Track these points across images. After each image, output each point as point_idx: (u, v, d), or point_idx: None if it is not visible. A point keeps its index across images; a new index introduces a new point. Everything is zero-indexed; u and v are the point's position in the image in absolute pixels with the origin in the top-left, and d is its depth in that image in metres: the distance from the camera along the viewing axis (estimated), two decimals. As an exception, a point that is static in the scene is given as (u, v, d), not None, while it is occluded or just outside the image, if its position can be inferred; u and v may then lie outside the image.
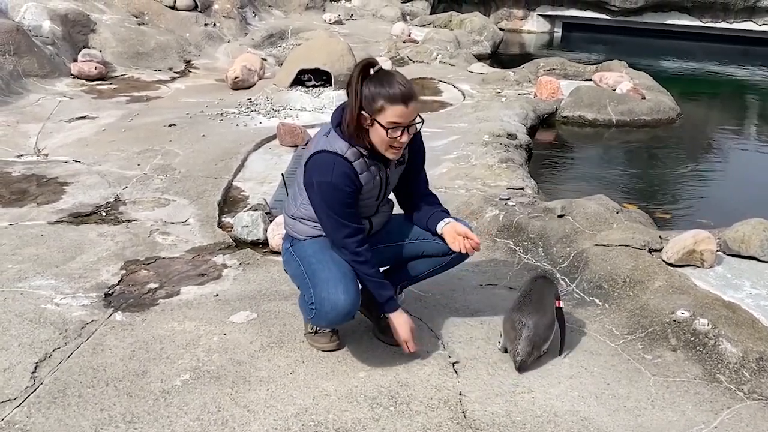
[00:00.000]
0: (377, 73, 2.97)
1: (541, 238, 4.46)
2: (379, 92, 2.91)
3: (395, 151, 3.03)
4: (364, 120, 2.97)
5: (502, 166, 6.11)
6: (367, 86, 2.94)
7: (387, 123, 2.93)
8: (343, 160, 2.99)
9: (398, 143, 2.99)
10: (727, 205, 6.36)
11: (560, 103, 9.01)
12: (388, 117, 2.92)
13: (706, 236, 4.06)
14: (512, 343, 3.26)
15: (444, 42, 12.68)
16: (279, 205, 5.11)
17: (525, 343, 3.22)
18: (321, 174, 2.99)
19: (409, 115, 2.95)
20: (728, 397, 3.11)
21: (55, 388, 3.02)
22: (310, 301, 3.08)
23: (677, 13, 16.78)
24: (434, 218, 3.27)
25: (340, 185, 2.98)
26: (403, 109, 2.92)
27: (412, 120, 2.98)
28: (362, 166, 3.04)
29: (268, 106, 8.24)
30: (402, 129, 2.96)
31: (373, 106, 2.92)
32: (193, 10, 12.18)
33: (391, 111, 2.91)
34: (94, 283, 3.98)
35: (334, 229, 3.06)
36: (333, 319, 3.05)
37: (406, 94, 2.92)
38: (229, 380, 3.10)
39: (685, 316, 3.47)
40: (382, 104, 2.91)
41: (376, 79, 2.94)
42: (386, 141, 2.97)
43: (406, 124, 2.96)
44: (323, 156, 3.01)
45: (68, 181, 5.65)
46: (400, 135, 2.96)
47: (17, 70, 8.66)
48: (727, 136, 9.15)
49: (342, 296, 2.98)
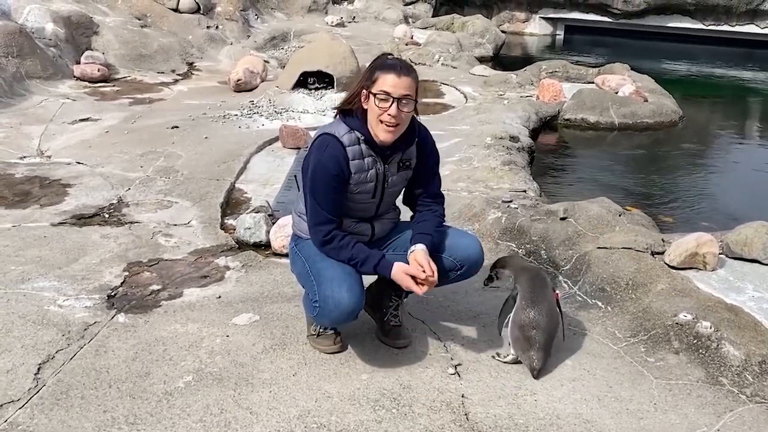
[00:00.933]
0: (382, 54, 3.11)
1: (543, 240, 4.46)
2: (376, 65, 3.04)
3: (387, 129, 3.01)
4: (363, 98, 3.04)
5: (505, 168, 6.11)
6: (372, 67, 3.05)
7: (378, 91, 2.97)
8: (337, 142, 3.04)
9: (387, 117, 2.98)
10: (730, 208, 6.36)
11: (562, 106, 9.01)
12: (379, 85, 2.97)
13: (708, 239, 4.06)
14: (525, 352, 3.24)
15: (446, 44, 12.70)
16: (281, 207, 5.12)
17: (541, 353, 3.22)
18: (315, 153, 3.07)
19: (400, 86, 2.97)
20: (731, 400, 3.11)
21: (58, 390, 3.02)
22: (314, 299, 3.08)
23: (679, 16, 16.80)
24: (413, 240, 3.15)
25: (327, 165, 3.02)
26: (394, 78, 2.95)
27: (404, 94, 2.98)
28: (356, 152, 3.06)
29: (270, 108, 8.25)
30: (392, 100, 2.96)
31: (370, 79, 3.01)
32: (196, 13, 12.21)
33: (382, 79, 2.97)
34: (97, 285, 3.99)
35: (310, 213, 3.10)
36: (336, 317, 3.04)
37: (401, 66, 3.00)
38: (232, 382, 3.10)
39: (687, 318, 3.47)
40: (377, 75, 2.99)
41: (379, 58, 3.08)
42: (376, 112, 2.99)
43: (397, 96, 2.96)
44: (321, 137, 3.10)
45: (71, 182, 5.66)
46: (389, 106, 2.97)
47: (20, 72, 8.67)
48: (729, 139, 9.15)
49: (346, 294, 2.98)
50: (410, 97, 3.00)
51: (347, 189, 3.08)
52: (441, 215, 3.30)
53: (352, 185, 3.08)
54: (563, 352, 3.43)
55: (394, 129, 3.02)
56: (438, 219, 3.27)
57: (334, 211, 3.09)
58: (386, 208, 3.30)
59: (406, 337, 3.43)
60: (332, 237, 3.08)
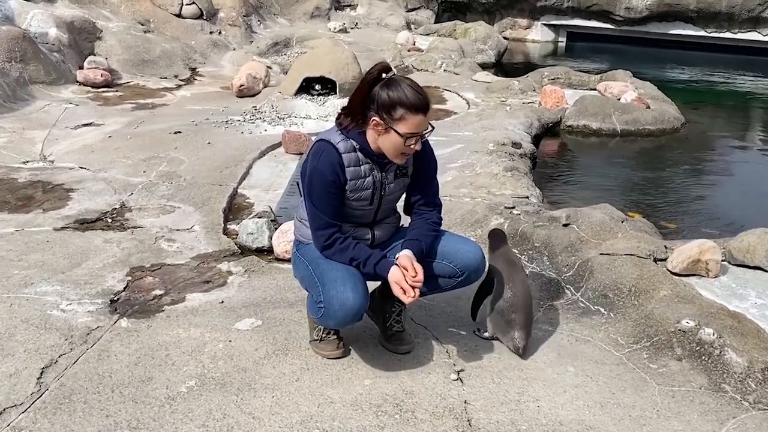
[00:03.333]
0: (394, 80, 2.97)
1: (546, 247, 4.46)
2: (400, 101, 2.92)
3: (404, 158, 3.08)
4: (375, 124, 2.98)
5: (507, 174, 6.11)
6: (383, 92, 2.94)
7: (406, 133, 2.95)
8: (333, 149, 3.05)
9: (410, 150, 3.03)
10: (733, 215, 6.35)
11: (565, 113, 9.02)
12: (408, 127, 2.95)
13: (711, 246, 4.06)
14: (507, 334, 3.40)
15: (448, 51, 12.72)
16: (284, 213, 5.13)
17: (523, 332, 3.37)
18: (311, 159, 3.08)
19: (425, 123, 2.99)
20: (733, 407, 3.10)
21: (60, 394, 3.02)
22: (318, 299, 3.08)
23: (682, 23, 16.80)
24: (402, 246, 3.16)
25: (323, 171, 3.03)
26: (422, 118, 2.96)
27: (426, 128, 3.01)
28: (352, 160, 3.07)
29: (273, 113, 8.26)
30: (418, 138, 3.00)
31: (392, 113, 2.94)
32: (199, 18, 12.24)
33: (411, 121, 2.94)
34: (100, 290, 3.99)
35: (311, 218, 3.13)
36: (342, 318, 3.03)
37: (425, 104, 2.96)
38: (235, 387, 3.10)
39: (690, 325, 3.47)
40: (402, 114, 2.93)
41: (393, 87, 2.94)
42: (400, 149, 3.00)
43: (422, 132, 3.00)
44: (318, 144, 3.11)
45: (74, 187, 5.67)
46: (415, 142, 3.00)
47: (23, 76, 8.69)
48: (731, 146, 9.15)
49: (350, 294, 2.98)
50: (429, 128, 3.04)
51: (345, 195, 3.09)
52: (435, 222, 3.29)
53: (349, 192, 3.09)
54: (566, 357, 3.43)
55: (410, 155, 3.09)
56: (430, 225, 3.26)
57: (334, 216, 3.10)
58: (385, 214, 3.30)
59: (408, 343, 3.43)
60: (333, 240, 3.09)
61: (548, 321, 3.80)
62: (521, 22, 18.25)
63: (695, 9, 16.29)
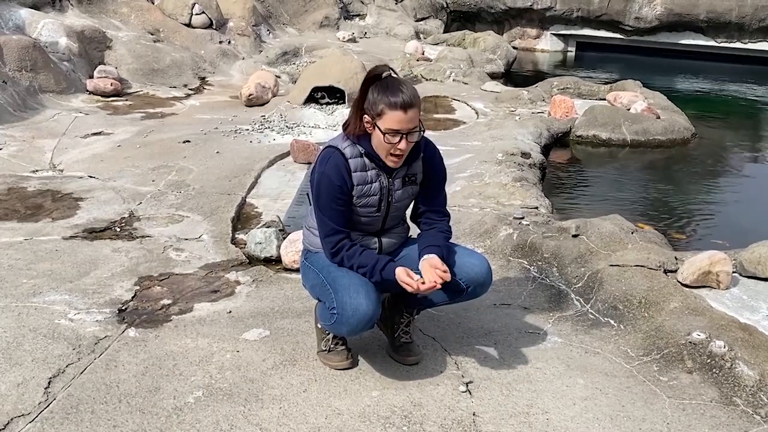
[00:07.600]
0: (385, 79, 3.02)
1: (555, 257, 4.43)
2: (381, 98, 2.97)
3: (394, 159, 3.05)
4: (366, 123, 3.03)
5: (516, 184, 6.10)
6: (373, 90, 3.01)
7: (385, 129, 2.97)
8: (340, 154, 3.07)
9: (397, 150, 3.01)
10: (743, 226, 6.31)
11: (574, 123, 8.99)
12: (387, 123, 2.96)
13: (721, 257, 4.03)
14: None
15: (457, 60, 12.72)
16: (292, 222, 5.12)
17: None
18: (319, 166, 3.10)
19: (407, 122, 2.97)
20: (745, 420, 3.07)
21: (68, 404, 3.01)
22: (331, 306, 3.07)
23: (692, 33, 16.74)
24: (422, 253, 3.15)
25: (331, 176, 3.04)
26: (401, 115, 2.94)
27: (411, 128, 2.99)
28: (359, 164, 3.08)
29: (281, 123, 8.27)
30: (401, 136, 2.98)
31: (374, 110, 2.98)
32: (209, 28, 12.28)
33: (389, 117, 2.95)
34: (108, 299, 3.99)
35: (319, 225, 3.14)
36: (355, 324, 3.01)
37: (406, 102, 2.95)
38: (242, 398, 3.09)
39: (701, 337, 3.44)
40: (382, 109, 2.96)
41: (382, 85, 3.00)
42: (385, 147, 3.01)
43: (405, 132, 2.98)
44: (325, 150, 3.14)
45: (83, 196, 5.68)
46: (398, 141, 2.98)
47: (33, 86, 8.73)
48: (742, 157, 9.11)
49: (364, 301, 2.97)
50: (416, 128, 3.01)
51: (352, 201, 3.09)
52: (447, 231, 3.28)
53: (356, 197, 3.09)
54: (575, 370, 3.40)
55: (402, 159, 3.07)
56: (444, 235, 3.25)
57: (342, 223, 3.10)
58: (393, 222, 3.29)
59: (416, 354, 3.41)
60: (340, 247, 3.09)
61: (558, 332, 3.78)
62: (530, 32, 18.23)
63: (705, 19, 16.24)
